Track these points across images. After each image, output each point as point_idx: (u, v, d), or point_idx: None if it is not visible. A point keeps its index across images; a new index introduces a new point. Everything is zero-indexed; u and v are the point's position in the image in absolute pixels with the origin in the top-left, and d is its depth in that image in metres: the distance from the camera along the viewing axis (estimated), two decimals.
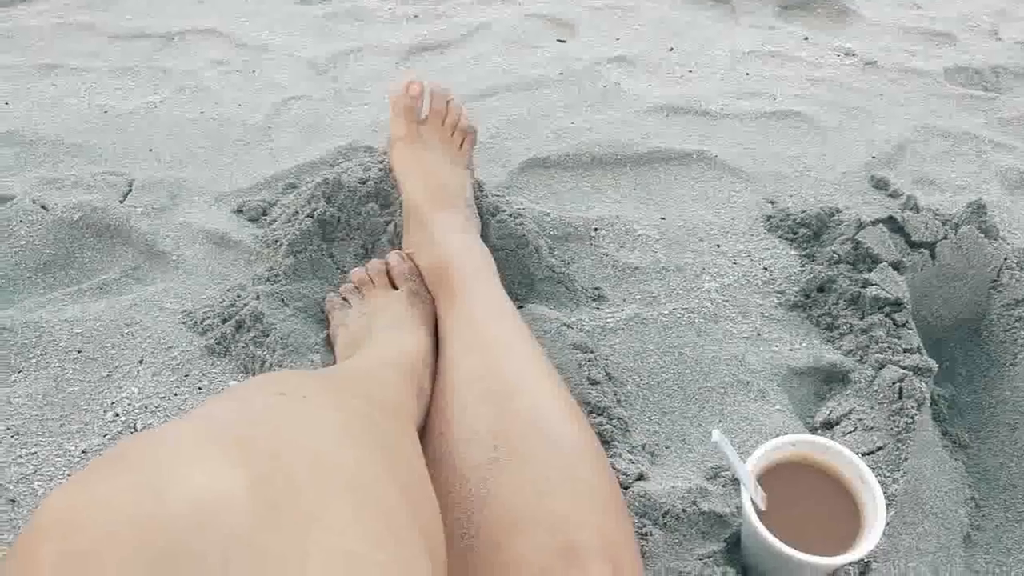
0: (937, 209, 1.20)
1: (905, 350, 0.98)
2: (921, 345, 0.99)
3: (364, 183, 1.15)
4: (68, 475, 0.86)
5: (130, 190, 1.29)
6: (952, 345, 1.11)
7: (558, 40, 1.82)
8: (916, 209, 1.18)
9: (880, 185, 1.34)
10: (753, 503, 0.71)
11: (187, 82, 1.64)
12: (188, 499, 0.39)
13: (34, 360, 0.99)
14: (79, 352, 1.00)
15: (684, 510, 0.81)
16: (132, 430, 0.91)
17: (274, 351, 0.97)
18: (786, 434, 0.83)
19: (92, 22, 1.86)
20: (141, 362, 0.99)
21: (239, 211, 1.25)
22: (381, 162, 1.20)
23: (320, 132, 1.47)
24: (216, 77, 1.66)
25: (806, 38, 1.86)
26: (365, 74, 1.67)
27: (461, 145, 1.18)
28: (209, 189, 1.30)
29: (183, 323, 1.05)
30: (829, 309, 1.06)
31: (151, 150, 1.42)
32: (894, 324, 1.01)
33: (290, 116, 1.52)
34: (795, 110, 1.55)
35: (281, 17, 1.89)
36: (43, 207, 1.20)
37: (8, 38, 1.79)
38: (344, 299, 1.05)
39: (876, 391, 0.93)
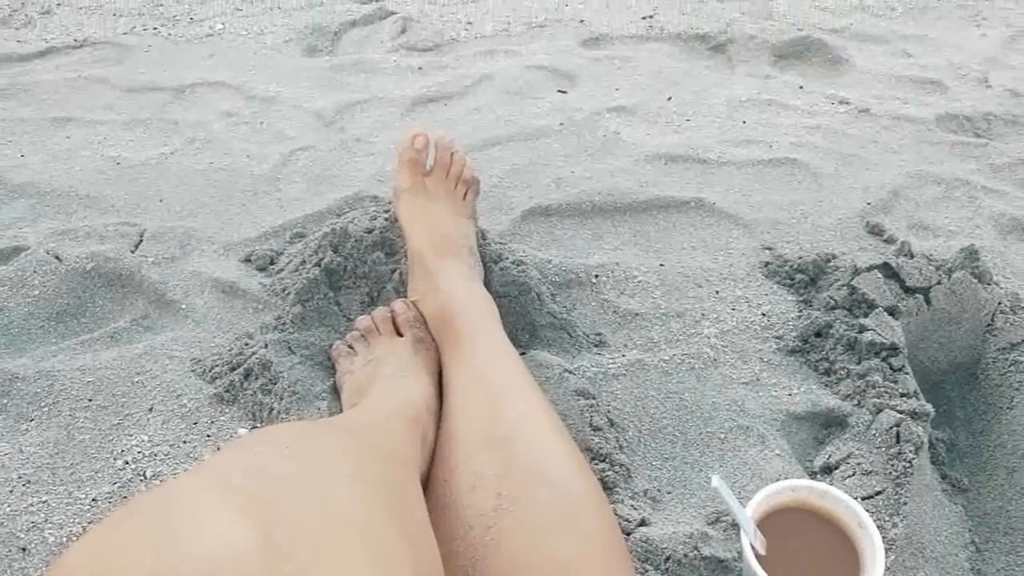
0: (931, 255, 1.23)
1: (902, 394, 0.99)
2: (918, 389, 1.00)
3: (370, 232, 1.18)
4: (78, 523, 0.87)
5: (141, 240, 1.32)
6: (949, 389, 1.13)
7: (559, 91, 1.87)
8: (910, 255, 1.20)
9: (875, 231, 1.37)
10: (753, 548, 0.72)
11: (197, 133, 1.68)
12: (202, 551, 0.40)
13: (46, 409, 1.01)
14: (90, 400, 1.02)
15: (686, 555, 0.82)
16: (142, 478, 0.92)
17: (282, 399, 0.99)
18: (785, 479, 0.85)
19: (106, 76, 1.92)
20: (151, 410, 1.01)
21: (247, 260, 1.28)
22: (387, 211, 1.23)
23: (327, 182, 1.51)
24: (225, 128, 1.70)
25: (801, 86, 1.91)
26: (371, 125, 1.71)
27: (465, 195, 1.21)
28: (218, 238, 1.34)
29: (192, 371, 1.07)
30: (827, 354, 1.08)
31: (162, 200, 1.45)
32: (891, 369, 1.02)
33: (297, 166, 1.56)
34: (791, 157, 1.58)
35: (289, 70, 1.95)
36: (57, 257, 1.23)
37: (26, 91, 1.85)
38: (350, 347, 1.07)
39: (874, 435, 0.94)
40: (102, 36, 2.11)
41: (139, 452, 0.96)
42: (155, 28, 2.16)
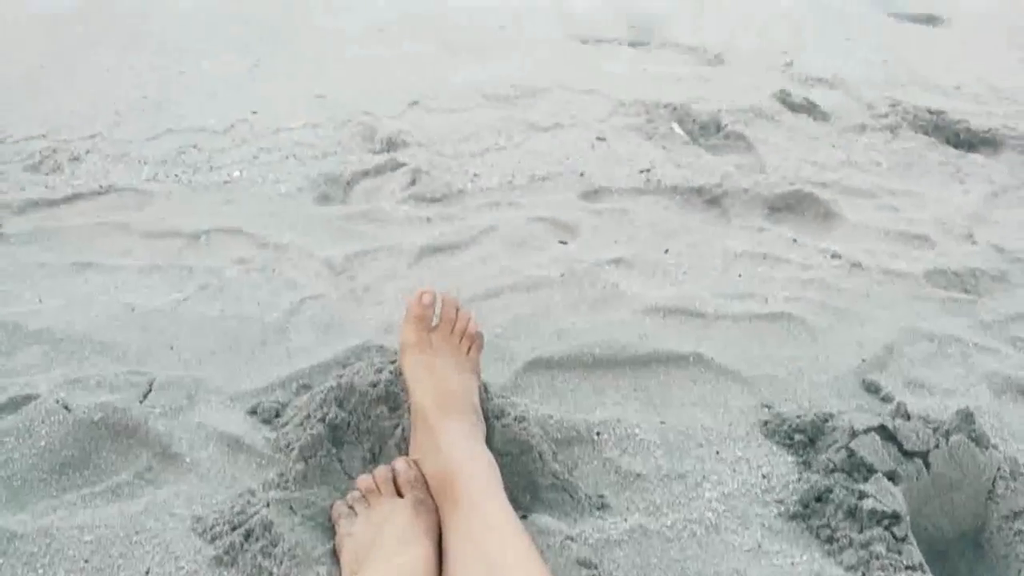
0: (928, 415, 1.24)
1: (907, 567, 0.98)
2: (923, 561, 1.00)
3: (375, 386, 1.21)
4: None
5: (150, 390, 1.34)
6: (955, 559, 1.11)
7: (560, 242, 1.94)
8: (907, 416, 1.22)
9: (871, 389, 1.39)
10: None
11: (210, 280, 1.74)
12: None
13: (40, 570, 1.00)
14: (86, 562, 1.01)
15: None
16: None
17: (281, 563, 0.99)
18: None
19: (127, 221, 2.00)
20: (147, 573, 1.00)
21: (253, 412, 1.30)
22: (392, 362, 1.26)
23: (335, 331, 1.54)
24: (238, 275, 1.76)
25: (794, 240, 1.98)
26: (380, 274, 1.77)
27: (469, 351, 1.25)
28: (225, 389, 1.36)
29: (192, 530, 1.06)
30: (828, 520, 1.08)
31: (172, 348, 1.49)
32: (894, 538, 1.02)
33: (306, 315, 1.60)
34: (786, 312, 1.63)
35: (302, 218, 2.03)
36: (66, 407, 1.25)
37: (50, 237, 1.92)
38: (351, 507, 1.07)
39: None
40: (127, 183, 2.21)
41: None
42: (177, 175, 2.27)
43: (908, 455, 1.15)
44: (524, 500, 1.12)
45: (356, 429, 1.18)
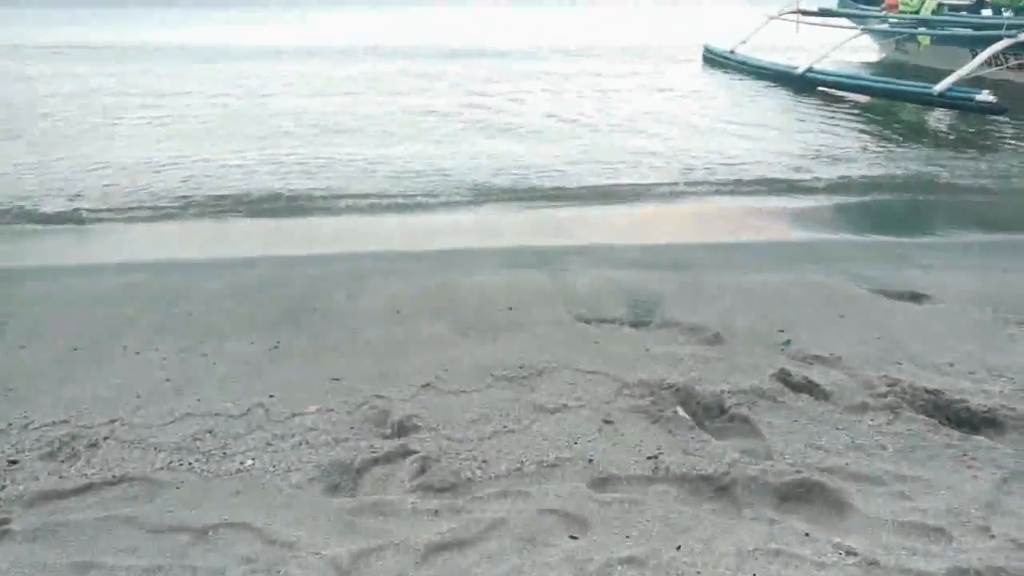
0: None
1: None
2: None
3: None
4: None
5: None
6: None
7: (570, 536, 1.92)
8: None
9: None
10: None
11: None
12: None
13: None
14: None
15: None
16: None
17: None
18: None
19: (135, 515, 2.00)
20: None
21: None
22: None
23: None
24: None
25: (807, 534, 1.95)
26: (386, 575, 1.74)
27: None
28: None
29: None
30: None
31: None
32: None
33: None
34: None
35: (310, 510, 2.03)
36: None
37: (55, 533, 1.92)
38: None
39: None
40: (140, 471, 2.24)
41: None
42: (190, 463, 2.30)
43: None
44: None
45: None
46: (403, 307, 3.65)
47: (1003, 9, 13.29)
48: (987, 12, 13.71)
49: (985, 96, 9.38)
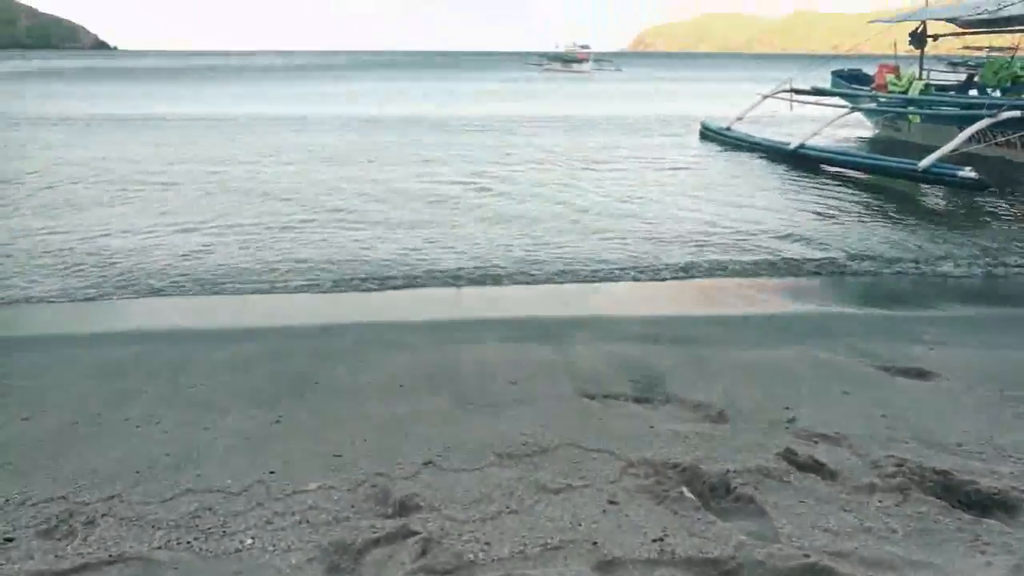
0: None
1: None
2: None
3: None
4: None
5: None
6: None
7: None
8: None
9: None
10: None
11: None
12: None
13: None
14: None
15: None
16: None
17: None
18: None
19: None
20: None
21: None
22: None
23: None
24: None
25: None
26: None
27: None
28: None
29: None
30: None
31: None
32: None
33: None
34: None
35: None
36: None
37: None
38: None
39: None
40: (136, 551, 2.20)
41: None
42: (188, 542, 2.27)
43: None
44: None
45: None
46: (405, 380, 3.64)
47: (988, 89, 13.65)
48: (974, 92, 14.06)
49: (967, 172, 9.60)
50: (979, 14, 14.02)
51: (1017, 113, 10.86)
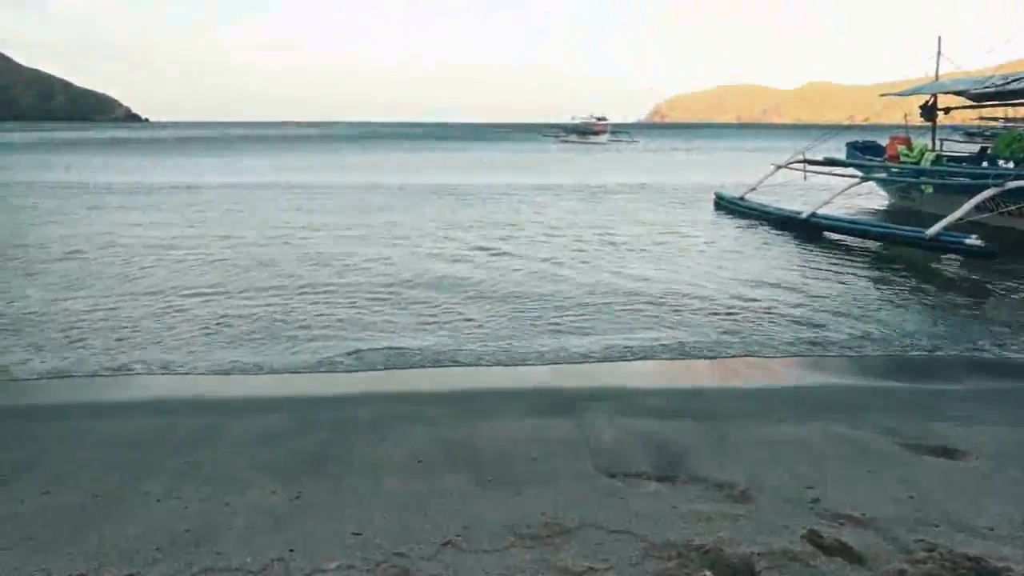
0: None
1: None
2: None
3: None
4: None
5: None
6: None
7: None
8: None
9: None
10: None
11: None
12: None
13: None
14: None
15: None
16: None
17: None
18: None
19: None
20: None
21: None
22: None
23: None
24: None
25: None
26: None
27: None
28: None
29: None
30: None
31: None
32: None
33: None
34: None
35: None
36: None
37: None
38: None
39: None
40: None
41: None
42: None
43: None
44: None
45: None
46: (425, 456, 3.63)
47: (1000, 160, 13.76)
48: (987, 164, 14.16)
49: (974, 241, 9.77)
50: (986, 88, 14.22)
51: (1023, 183, 11.00)
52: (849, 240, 11.76)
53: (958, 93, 15.99)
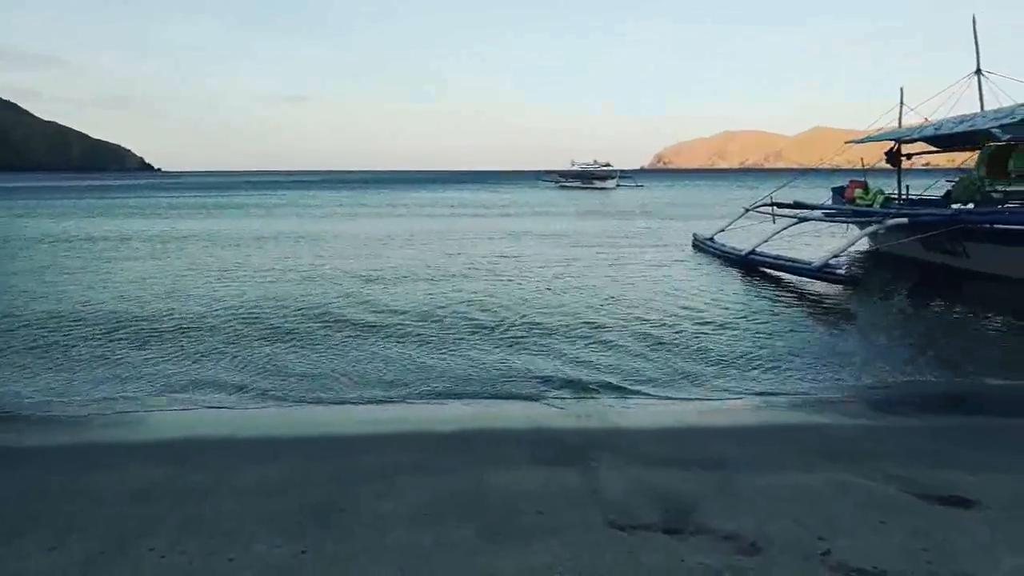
0: None
1: None
2: None
3: None
4: None
5: None
6: None
7: None
8: None
9: None
10: None
11: None
12: None
13: None
14: None
15: None
16: None
17: None
18: None
19: None
20: None
21: None
22: None
23: None
24: None
25: None
26: None
27: None
28: None
29: None
30: None
31: None
32: None
33: None
34: None
35: None
36: None
37: None
38: None
39: None
40: None
41: None
42: None
43: None
44: None
45: None
46: (430, 508, 3.60)
47: (958, 204, 14.10)
48: (956, 206, 14.33)
49: (841, 271, 11.97)
50: (939, 132, 14.79)
51: (903, 220, 12.92)
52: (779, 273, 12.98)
53: (911, 141, 16.47)
